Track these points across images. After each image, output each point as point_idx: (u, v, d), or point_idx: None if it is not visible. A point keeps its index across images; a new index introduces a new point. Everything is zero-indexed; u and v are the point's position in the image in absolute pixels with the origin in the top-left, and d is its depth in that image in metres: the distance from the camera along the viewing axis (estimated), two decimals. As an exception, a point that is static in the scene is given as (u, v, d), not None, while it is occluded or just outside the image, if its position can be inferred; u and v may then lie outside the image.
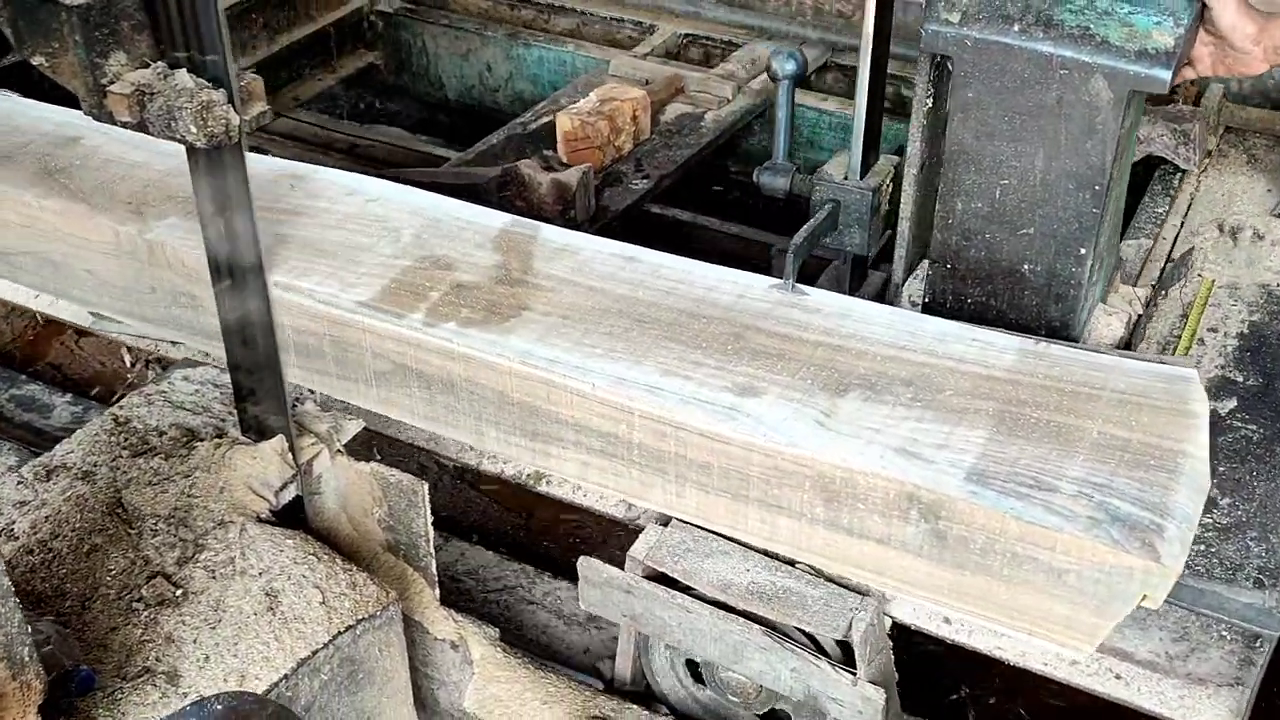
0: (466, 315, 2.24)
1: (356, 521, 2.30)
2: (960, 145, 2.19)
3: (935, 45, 2.13)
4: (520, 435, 2.24)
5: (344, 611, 1.99)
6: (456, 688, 2.30)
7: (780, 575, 2.40)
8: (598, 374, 2.12)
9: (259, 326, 2.08)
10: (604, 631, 2.64)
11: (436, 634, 2.28)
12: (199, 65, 1.93)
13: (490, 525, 3.01)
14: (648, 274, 2.35)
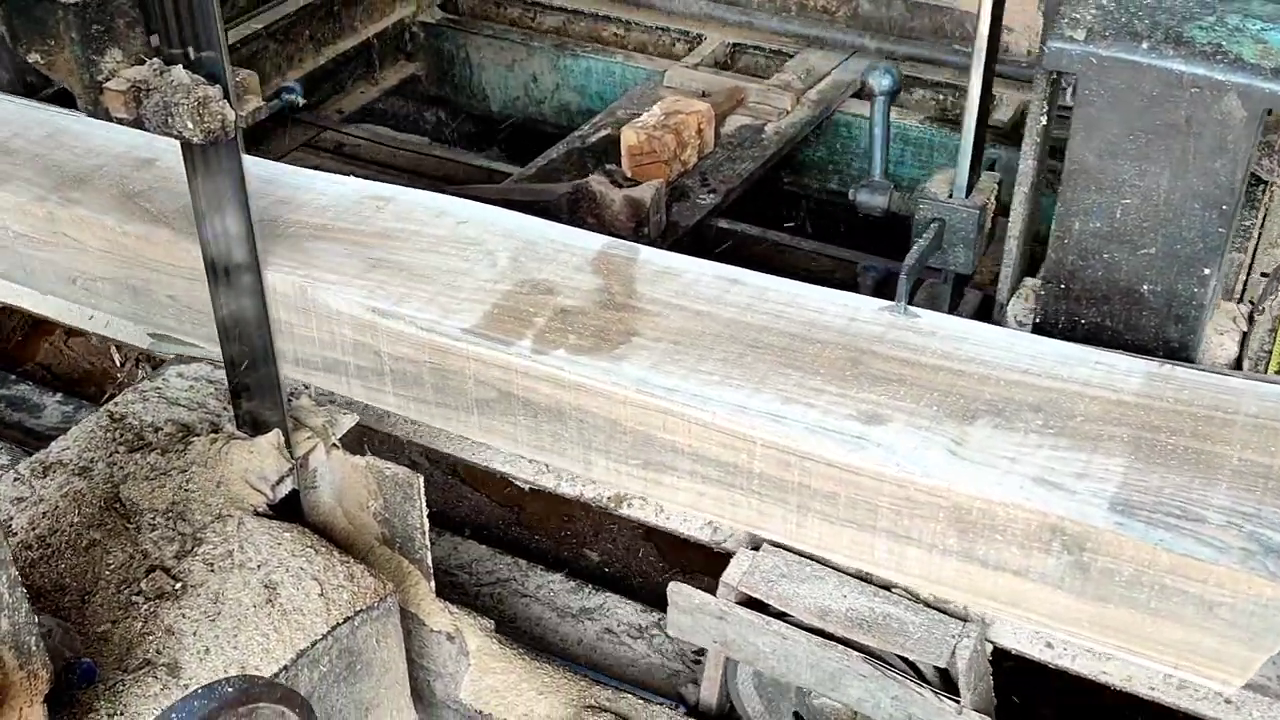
0: (575, 342, 2.19)
1: (352, 515, 2.28)
2: (1080, 164, 2.15)
3: (1058, 63, 2.09)
4: (631, 464, 2.19)
5: (342, 603, 2.00)
6: (453, 679, 2.30)
7: (878, 601, 2.36)
8: (718, 402, 2.07)
9: (254, 322, 2.08)
10: (597, 623, 2.64)
11: (433, 626, 2.27)
12: (195, 61, 1.92)
13: (482, 520, 3.01)
14: (754, 297, 2.30)
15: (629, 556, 2.74)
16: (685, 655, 2.55)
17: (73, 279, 2.59)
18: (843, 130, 3.77)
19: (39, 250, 2.58)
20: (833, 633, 2.36)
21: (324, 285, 2.31)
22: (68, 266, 2.58)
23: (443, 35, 4.23)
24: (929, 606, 2.31)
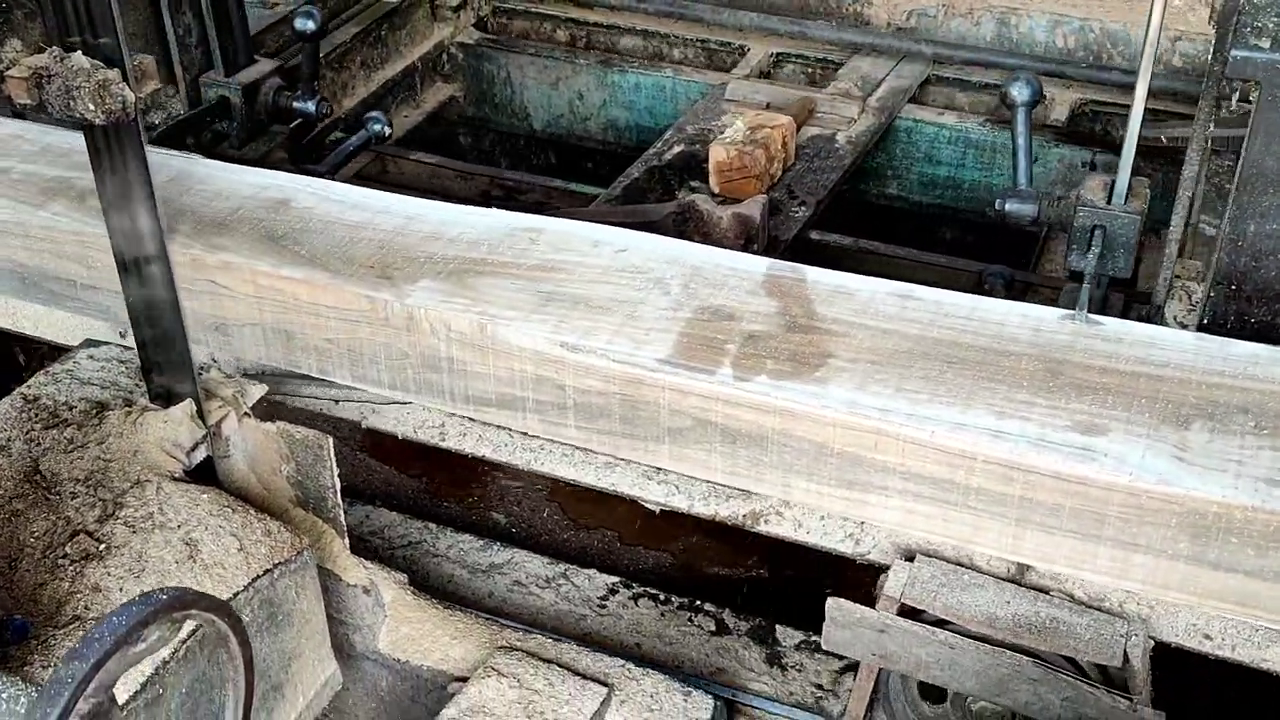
0: (774, 367, 2.19)
1: (266, 480, 2.33)
2: (1259, 168, 2.20)
3: (1242, 71, 2.13)
4: (835, 486, 2.19)
5: (260, 557, 2.06)
6: (371, 630, 2.37)
7: (1042, 605, 2.40)
8: (934, 421, 2.08)
9: (165, 304, 2.15)
10: (506, 576, 2.74)
11: (349, 580, 2.34)
12: (93, 48, 2.00)
13: (393, 490, 3.10)
14: (932, 312, 2.31)
15: (534, 516, 2.87)
16: (591, 601, 2.67)
17: (215, 326, 2.53)
18: (902, 136, 3.81)
19: (184, 299, 2.51)
20: (1001, 639, 2.40)
21: (504, 322, 2.29)
22: (210, 314, 2.52)
23: (483, 56, 4.20)
24: (1089, 607, 2.35)
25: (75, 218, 2.54)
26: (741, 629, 2.62)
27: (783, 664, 2.56)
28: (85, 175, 2.60)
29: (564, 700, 2.17)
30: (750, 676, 2.49)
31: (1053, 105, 3.81)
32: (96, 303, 2.62)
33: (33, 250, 2.58)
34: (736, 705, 2.37)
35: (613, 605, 2.67)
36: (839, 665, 2.53)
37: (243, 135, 3.12)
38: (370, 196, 2.61)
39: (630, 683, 2.28)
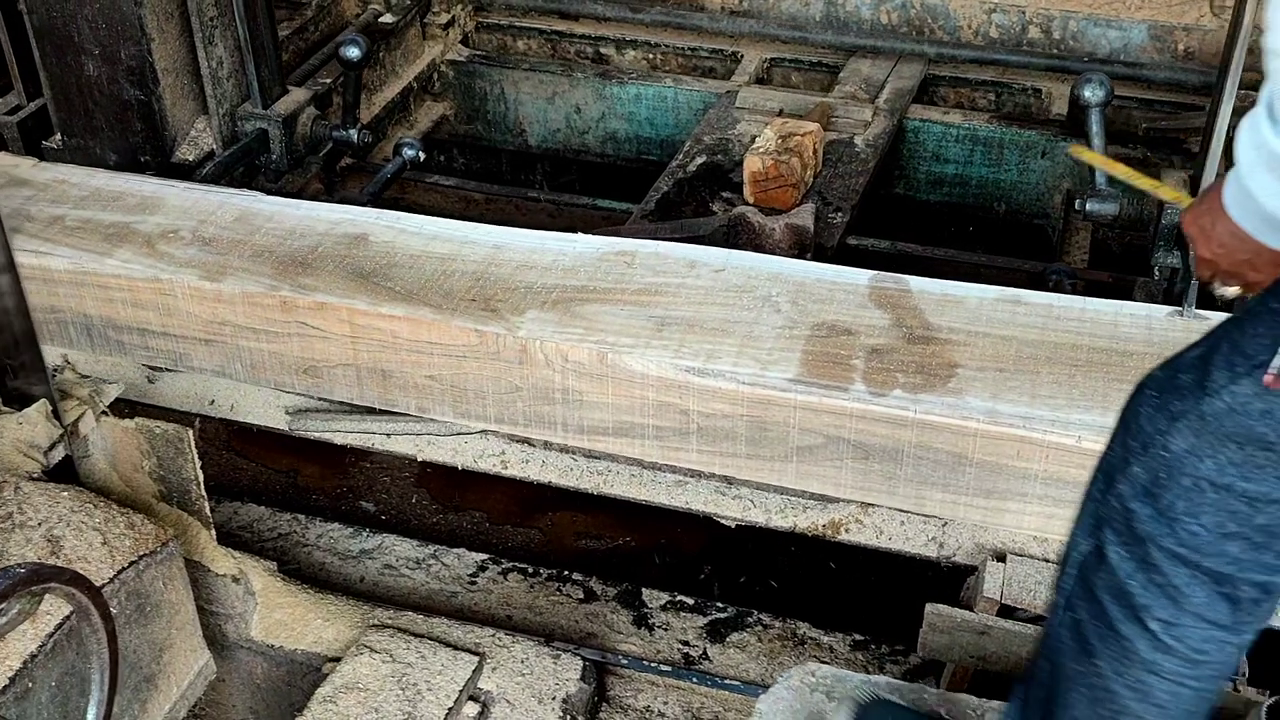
0: (905, 380, 2.20)
1: (128, 477, 2.32)
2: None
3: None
4: (973, 495, 2.21)
5: (125, 550, 2.05)
6: (243, 619, 2.40)
7: None
8: (1078, 425, 2.10)
9: (14, 311, 2.10)
10: (376, 561, 2.77)
11: (218, 570, 2.36)
12: None
13: (260, 486, 3.09)
14: (1043, 315, 2.34)
15: (403, 503, 2.88)
16: (462, 578, 2.71)
17: (304, 369, 2.46)
18: (910, 136, 3.84)
19: (267, 343, 2.44)
20: (1102, 631, 2.43)
21: (624, 350, 2.25)
22: (299, 357, 2.45)
23: (475, 73, 4.13)
24: None
25: (148, 264, 2.45)
26: (609, 594, 2.68)
27: (649, 625, 2.62)
28: (145, 219, 2.53)
29: (437, 671, 2.21)
30: (619, 639, 2.57)
31: (1054, 100, 3.88)
32: (169, 350, 2.53)
33: (102, 300, 2.48)
34: (607, 666, 2.45)
35: (483, 581, 2.72)
36: (703, 622, 2.60)
37: (281, 168, 3.03)
38: (448, 227, 2.55)
39: (501, 650, 2.33)
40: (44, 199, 2.63)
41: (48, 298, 2.52)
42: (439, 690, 2.19)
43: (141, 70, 2.84)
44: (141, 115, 2.90)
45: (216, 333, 2.46)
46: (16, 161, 2.75)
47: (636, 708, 2.46)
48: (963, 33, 3.99)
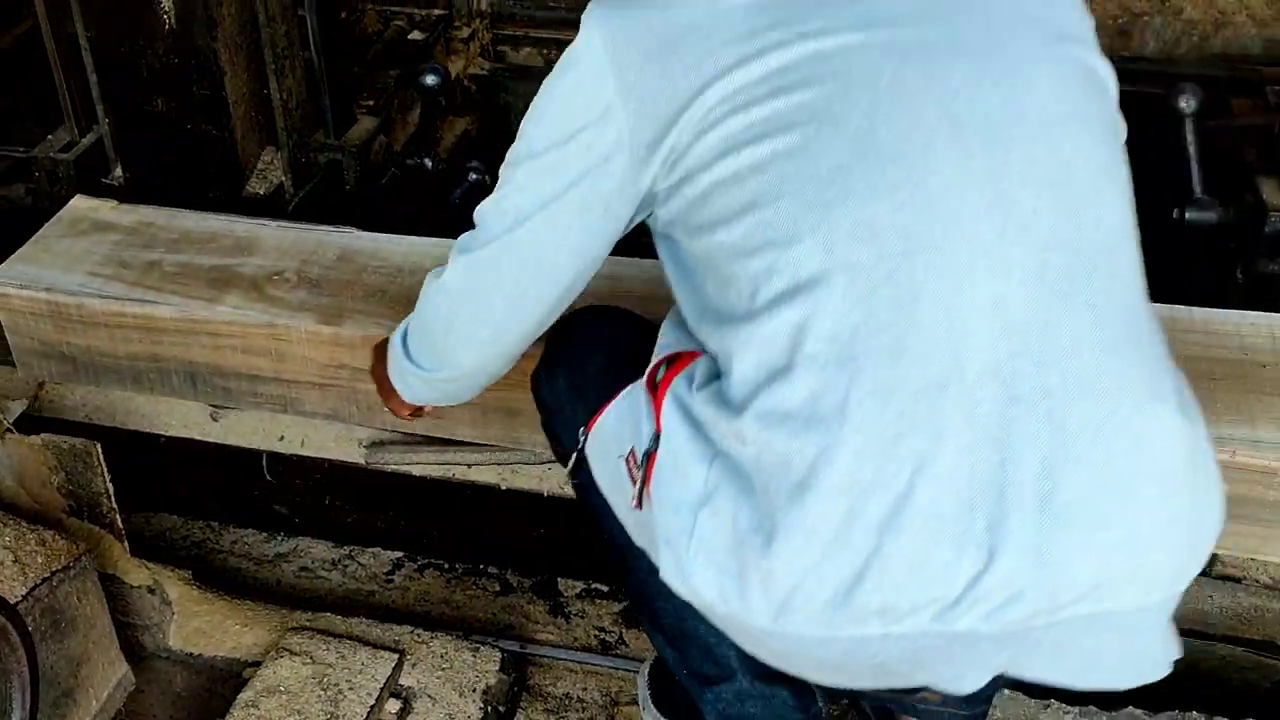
0: (1053, 401, 2.21)
1: (35, 494, 2.33)
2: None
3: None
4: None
5: (37, 566, 2.07)
6: (160, 629, 2.44)
7: (1241, 594, 2.50)
8: (1232, 441, 2.14)
9: None
10: (292, 564, 2.80)
11: (132, 582, 2.39)
12: None
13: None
14: (1164, 326, 2.35)
15: (316, 505, 2.87)
16: (378, 577, 2.77)
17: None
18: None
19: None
20: (1214, 634, 2.48)
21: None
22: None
23: (498, 86, 4.08)
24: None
25: (260, 309, 2.38)
26: (525, 585, 2.73)
27: (566, 613, 2.68)
28: (245, 260, 2.47)
29: (357, 670, 2.26)
30: (536, 628, 2.63)
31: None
32: (279, 395, 2.47)
33: (210, 347, 2.41)
34: (527, 656, 2.51)
35: (399, 579, 2.75)
36: (618, 608, 2.66)
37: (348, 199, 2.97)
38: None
39: (420, 646, 2.36)
40: (134, 243, 2.55)
41: (151, 347, 2.44)
42: (360, 689, 2.23)
43: (214, 104, 2.76)
44: (212, 149, 2.82)
45: (333, 377, 2.40)
46: (96, 204, 2.66)
47: (556, 695, 2.50)
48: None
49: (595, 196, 1.53)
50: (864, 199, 1.33)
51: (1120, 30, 3.85)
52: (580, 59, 1.49)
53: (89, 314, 2.43)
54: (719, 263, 1.46)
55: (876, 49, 1.37)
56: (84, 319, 2.44)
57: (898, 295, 1.33)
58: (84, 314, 2.43)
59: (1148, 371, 1.41)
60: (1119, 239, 1.42)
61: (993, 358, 1.33)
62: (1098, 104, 1.48)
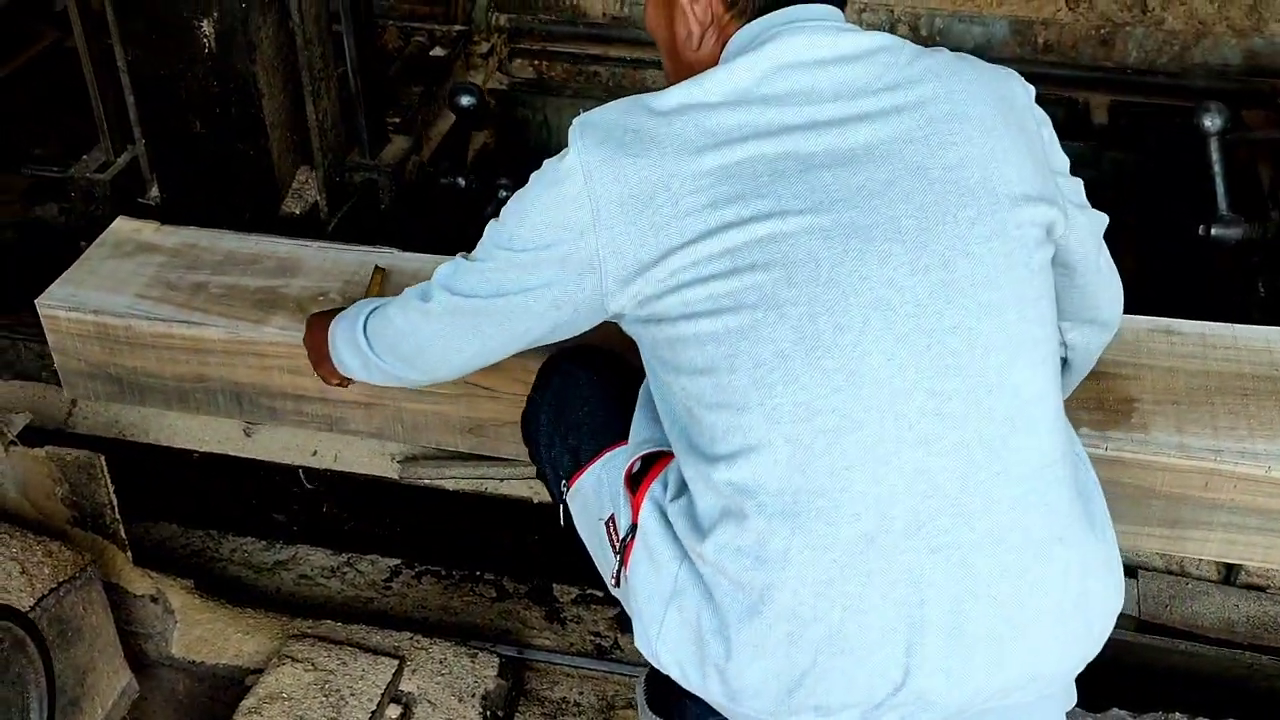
0: (1089, 418, 2.26)
1: (40, 505, 2.37)
2: None
3: None
4: (1157, 526, 2.28)
5: (44, 578, 2.11)
6: (163, 637, 2.48)
7: (1266, 603, 2.55)
8: (1266, 456, 2.18)
9: None
10: (291, 572, 2.85)
11: (136, 591, 2.44)
12: None
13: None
14: (1197, 344, 2.41)
15: (313, 512, 2.92)
16: (376, 584, 2.83)
17: (469, 429, 2.46)
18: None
19: (432, 405, 2.43)
20: (1240, 642, 2.53)
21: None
22: (465, 417, 2.44)
23: (517, 101, 4.12)
24: None
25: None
26: (521, 591, 2.79)
27: (561, 619, 2.72)
28: (290, 282, 2.51)
29: (358, 676, 2.30)
30: (533, 634, 2.69)
31: (1094, 110, 3.97)
32: (325, 415, 2.51)
33: (257, 368, 2.45)
34: (524, 661, 2.57)
35: (397, 586, 2.79)
36: (613, 613, 2.71)
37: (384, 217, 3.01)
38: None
39: (420, 652, 2.41)
40: (179, 265, 2.58)
41: (198, 367, 2.48)
42: (362, 695, 2.28)
43: (251, 126, 2.80)
44: (248, 169, 2.86)
45: (378, 396, 2.44)
46: (139, 226, 2.69)
47: (553, 699, 2.56)
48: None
49: (568, 300, 1.66)
50: (803, 384, 1.51)
51: (1102, 40, 3.93)
52: (563, 179, 1.60)
53: (137, 335, 2.46)
54: (687, 402, 1.62)
55: (819, 235, 1.52)
56: (132, 340, 2.47)
57: (833, 465, 1.52)
58: (132, 335, 2.46)
59: (1053, 519, 1.59)
60: (1035, 405, 1.59)
61: (916, 517, 1.52)
62: (1024, 270, 1.61)
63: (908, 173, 1.57)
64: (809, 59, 1.61)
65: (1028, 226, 1.62)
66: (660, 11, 1.77)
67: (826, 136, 1.57)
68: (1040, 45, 4.00)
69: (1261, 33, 3.81)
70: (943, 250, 1.55)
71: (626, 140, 1.57)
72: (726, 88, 1.58)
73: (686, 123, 1.56)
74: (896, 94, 1.61)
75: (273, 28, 2.76)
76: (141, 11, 2.68)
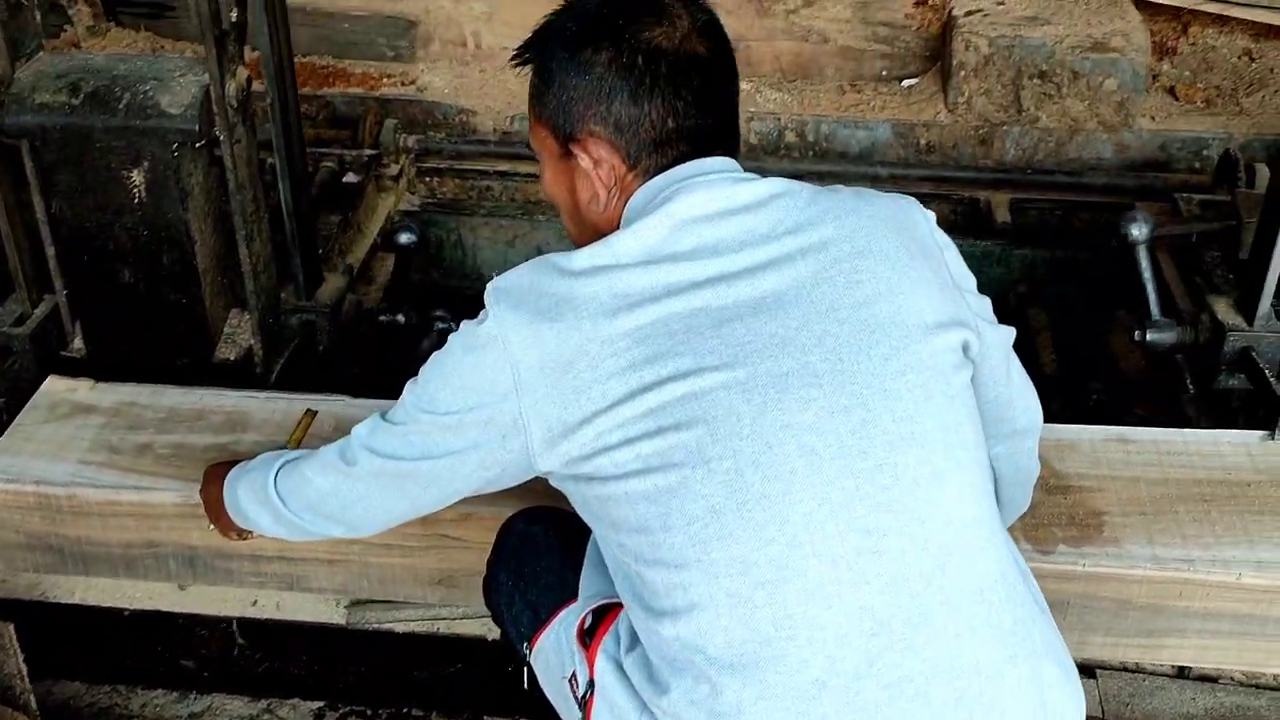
0: (1062, 534, 2.29)
1: None
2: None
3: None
4: (1134, 636, 2.31)
5: None
6: None
7: (1222, 694, 2.61)
8: (1236, 563, 2.23)
9: None
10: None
11: None
12: None
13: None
14: (1152, 451, 2.47)
15: (224, 657, 2.85)
16: None
17: (439, 580, 2.39)
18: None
19: (400, 558, 2.37)
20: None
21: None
22: (435, 569, 2.38)
23: (429, 221, 4.08)
24: (1260, 688, 2.58)
25: (265, 489, 2.34)
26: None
27: None
28: (239, 438, 2.44)
29: None
30: None
31: (997, 209, 4.08)
32: (285, 574, 2.43)
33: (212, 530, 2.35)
34: None
35: None
36: None
37: (323, 359, 2.94)
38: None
39: None
40: (120, 425, 2.48)
41: (147, 533, 2.38)
42: None
43: (183, 273, 2.72)
44: (181, 318, 2.78)
45: (343, 553, 2.37)
46: (72, 385, 2.59)
47: None
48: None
49: (495, 461, 1.66)
50: (738, 539, 1.52)
51: (981, 140, 4.08)
52: (483, 345, 1.61)
53: (81, 504, 2.35)
54: (624, 558, 1.63)
55: (737, 390, 1.54)
56: (76, 509, 2.36)
57: (775, 616, 1.52)
58: (76, 504, 2.36)
59: (1002, 639, 1.58)
60: (970, 530, 1.60)
61: (865, 656, 1.52)
62: (943, 398, 1.63)
63: (818, 315, 1.59)
64: (711, 212, 1.62)
65: (942, 353, 1.65)
66: (560, 177, 1.77)
67: (736, 287, 1.59)
68: (922, 146, 4.14)
69: (1130, 127, 3.99)
70: (859, 389, 1.57)
71: (542, 305, 1.58)
72: (635, 248, 1.60)
73: (599, 285, 1.57)
74: (799, 236, 1.63)
75: (202, 174, 2.69)
76: (68, 165, 2.60)
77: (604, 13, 1.68)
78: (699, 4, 1.71)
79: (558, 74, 1.69)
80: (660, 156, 1.68)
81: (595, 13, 1.68)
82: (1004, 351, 1.84)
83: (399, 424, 1.73)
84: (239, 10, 2.53)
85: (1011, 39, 3.98)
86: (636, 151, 1.68)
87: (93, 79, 2.61)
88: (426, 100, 4.31)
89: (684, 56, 1.66)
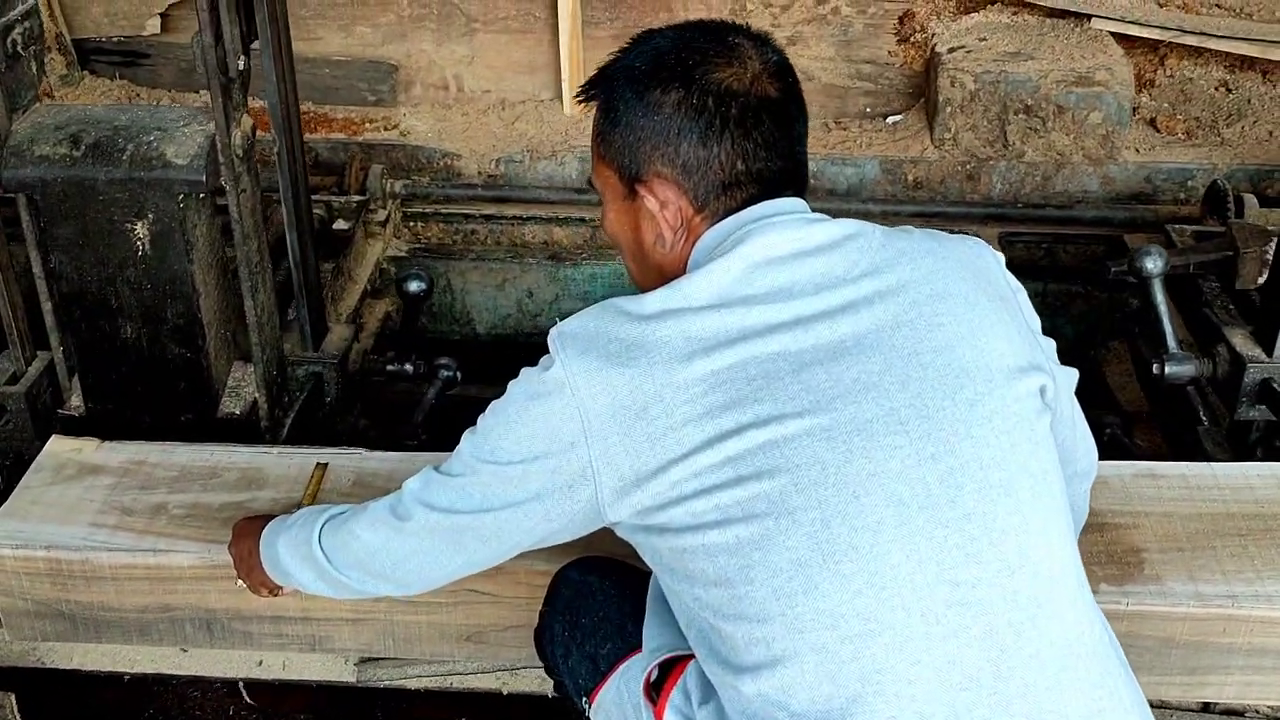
0: (1103, 573, 2.26)
1: None
2: None
3: None
4: (1178, 674, 2.28)
5: None
6: None
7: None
8: (1278, 597, 2.21)
9: None
10: None
11: None
12: None
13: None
14: (1182, 486, 2.45)
15: (219, 717, 2.76)
16: None
17: (468, 636, 2.33)
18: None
19: (427, 615, 2.30)
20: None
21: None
22: (463, 624, 2.32)
23: (418, 266, 4.02)
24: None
25: (286, 548, 2.27)
26: None
27: None
28: (255, 495, 2.39)
29: None
30: None
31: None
32: (307, 635, 2.35)
33: (231, 592, 2.28)
34: None
35: None
36: None
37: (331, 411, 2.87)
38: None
39: None
40: (131, 486, 2.40)
41: (163, 596, 2.30)
42: None
43: (189, 327, 2.65)
44: (185, 373, 2.70)
45: (368, 611, 2.30)
46: (77, 445, 2.50)
47: None
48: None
49: (560, 512, 1.61)
50: (824, 592, 1.48)
51: (969, 175, 4.09)
52: (549, 391, 1.55)
53: (94, 569, 2.27)
54: (702, 611, 1.58)
55: (821, 437, 1.50)
56: (88, 574, 2.28)
57: (863, 670, 1.47)
58: (89, 569, 2.27)
59: (1089, 693, 1.55)
60: (1059, 581, 1.57)
61: (953, 710, 1.48)
62: (1028, 444, 1.60)
63: (900, 359, 1.55)
64: (785, 254, 1.59)
65: (1025, 398, 1.61)
66: (624, 218, 1.73)
67: (814, 331, 1.55)
68: (910, 182, 4.14)
69: (1115, 160, 4.01)
70: (946, 436, 1.53)
71: (611, 350, 1.53)
72: (706, 292, 1.56)
73: (670, 329, 1.53)
74: (875, 280, 1.60)
75: (206, 224, 2.63)
76: (69, 218, 2.53)
77: (673, 52, 1.64)
78: (770, 44, 1.68)
79: (624, 114, 1.65)
80: (729, 199, 1.65)
81: (664, 52, 1.64)
82: (1069, 395, 1.82)
83: (456, 475, 1.67)
84: (245, 58, 2.47)
85: (996, 74, 3.99)
86: (705, 194, 1.64)
87: (94, 130, 2.54)
88: (410, 144, 4.26)
89: (755, 98, 1.63)
